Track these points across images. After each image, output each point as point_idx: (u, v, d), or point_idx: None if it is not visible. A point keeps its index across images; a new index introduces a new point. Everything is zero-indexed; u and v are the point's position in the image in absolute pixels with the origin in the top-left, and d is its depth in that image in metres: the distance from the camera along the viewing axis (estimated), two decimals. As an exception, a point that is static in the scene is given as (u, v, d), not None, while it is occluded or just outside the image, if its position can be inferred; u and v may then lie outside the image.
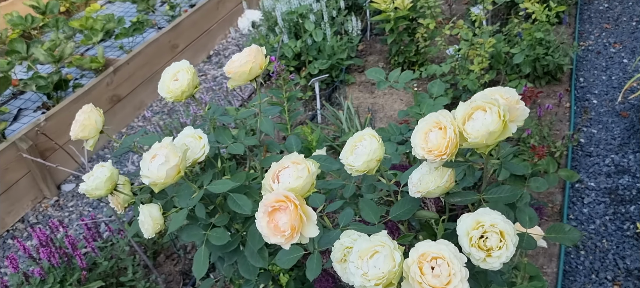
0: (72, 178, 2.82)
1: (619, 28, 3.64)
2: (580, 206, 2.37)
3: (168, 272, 2.15)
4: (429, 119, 0.87)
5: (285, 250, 1.04)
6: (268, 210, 0.85)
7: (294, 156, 0.92)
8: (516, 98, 0.87)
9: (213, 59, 3.97)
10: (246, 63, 1.11)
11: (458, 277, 0.73)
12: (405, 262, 0.76)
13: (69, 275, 1.79)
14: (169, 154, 1.00)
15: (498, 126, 0.81)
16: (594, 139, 2.74)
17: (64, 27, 3.31)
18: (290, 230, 0.83)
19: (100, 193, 1.13)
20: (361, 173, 0.97)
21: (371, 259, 0.78)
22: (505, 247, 0.78)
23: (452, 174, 0.92)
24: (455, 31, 2.87)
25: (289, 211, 0.83)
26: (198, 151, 1.11)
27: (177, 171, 1.01)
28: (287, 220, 0.83)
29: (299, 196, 0.86)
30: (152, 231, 1.12)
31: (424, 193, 0.93)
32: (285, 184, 0.88)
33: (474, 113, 0.84)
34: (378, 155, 0.95)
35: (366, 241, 0.80)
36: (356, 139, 0.99)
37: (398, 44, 3.30)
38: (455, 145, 0.83)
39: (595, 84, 3.13)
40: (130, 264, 1.91)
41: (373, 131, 0.98)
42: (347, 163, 0.98)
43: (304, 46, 3.18)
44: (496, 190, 0.93)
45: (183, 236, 1.16)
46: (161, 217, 1.13)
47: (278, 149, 1.28)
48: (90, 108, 1.23)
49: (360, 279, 0.77)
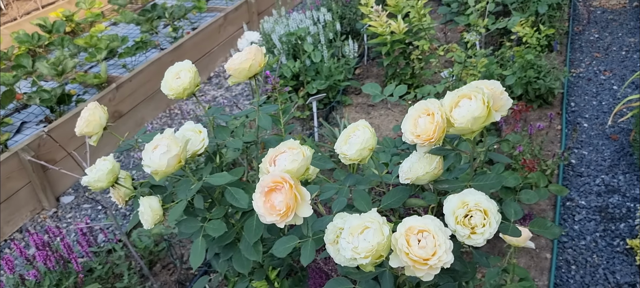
0: (71, 191, 2.85)
1: (609, 57, 3.74)
2: (572, 223, 2.40)
3: (164, 282, 2.17)
4: (418, 106, 0.92)
5: (282, 239, 1.08)
6: (265, 190, 0.90)
7: (289, 142, 0.97)
8: (501, 89, 0.93)
9: (213, 80, 4.04)
10: (246, 60, 1.17)
11: (443, 248, 0.77)
12: (393, 235, 0.80)
13: (65, 279, 1.81)
14: (170, 144, 1.04)
15: (483, 112, 0.86)
16: (584, 160, 2.80)
17: (69, 45, 3.39)
18: (285, 208, 0.87)
19: (102, 185, 1.17)
20: (354, 161, 1.02)
21: (361, 234, 0.82)
22: (488, 224, 0.83)
23: (440, 161, 0.97)
24: (449, 55, 2.95)
25: (285, 190, 0.88)
26: (198, 143, 1.16)
27: (177, 161, 1.05)
28: (283, 199, 0.87)
29: (294, 177, 0.90)
30: (152, 222, 1.16)
31: (413, 179, 0.97)
32: (281, 166, 0.92)
33: (460, 100, 0.89)
34: (370, 144, 1.00)
35: (357, 219, 0.84)
36: (350, 130, 1.04)
37: (394, 66, 3.38)
38: (442, 130, 0.88)
39: (586, 109, 3.20)
40: (126, 270, 1.94)
41: (366, 123, 1.03)
42: (341, 152, 1.02)
43: (303, 67, 3.26)
44: (482, 178, 0.98)
45: (181, 228, 1.19)
46: (160, 208, 1.17)
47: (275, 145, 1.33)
48: (94, 105, 1.28)
49: (351, 253, 0.81)
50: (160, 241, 2.24)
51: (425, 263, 0.76)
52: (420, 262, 0.77)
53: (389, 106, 3.47)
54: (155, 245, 2.24)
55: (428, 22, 3.09)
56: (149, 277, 1.86)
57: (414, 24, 3.18)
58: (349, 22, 3.98)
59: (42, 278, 1.77)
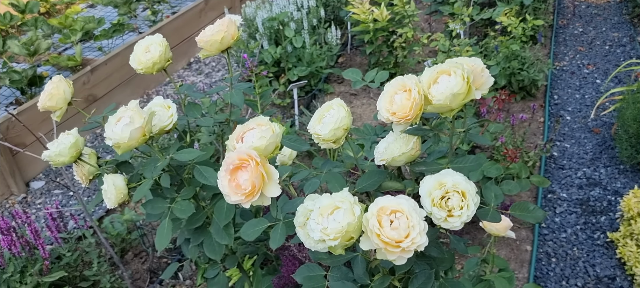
0: (42, 176, 2.76)
1: (593, 51, 3.74)
2: (553, 216, 2.38)
3: (135, 270, 2.10)
4: (395, 82, 0.87)
5: (250, 222, 1.02)
6: (230, 168, 0.84)
7: (259, 118, 0.91)
8: (481, 66, 0.88)
9: (193, 66, 3.95)
10: (218, 32, 1.11)
11: (416, 230, 0.72)
12: (365, 215, 0.75)
13: (31, 266, 1.74)
14: (134, 116, 0.98)
15: (462, 88, 0.81)
16: (567, 153, 2.78)
17: (43, 26, 3.28)
18: (251, 187, 0.82)
19: (64, 159, 1.10)
20: (328, 142, 0.96)
21: (331, 215, 0.77)
22: (466, 207, 0.78)
23: (417, 141, 0.92)
24: (433, 44, 2.91)
25: (251, 168, 0.82)
26: (166, 119, 1.10)
27: (141, 134, 0.99)
28: (248, 177, 0.82)
29: (261, 155, 0.85)
30: (115, 201, 1.09)
31: (389, 160, 0.92)
32: (248, 143, 0.87)
33: (439, 77, 0.84)
34: (345, 124, 0.95)
35: (327, 199, 0.79)
36: (324, 109, 0.98)
37: (377, 55, 3.33)
38: (419, 107, 0.84)
39: (569, 102, 3.19)
40: (95, 258, 1.86)
41: (341, 101, 0.98)
42: (314, 132, 0.97)
43: (284, 53, 3.19)
44: (461, 160, 0.93)
45: (147, 209, 1.13)
46: (125, 187, 1.11)
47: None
48: (59, 78, 1.21)
49: (319, 234, 0.76)
50: (134, 228, 2.17)
51: (397, 246, 0.71)
52: (392, 244, 0.72)
53: (371, 96, 3.42)
54: (128, 232, 2.17)
55: (412, 9, 3.04)
56: (119, 265, 1.80)
57: (398, 11, 3.13)
58: (333, 9, 3.92)
59: (6, 265, 1.69)
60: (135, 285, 2.01)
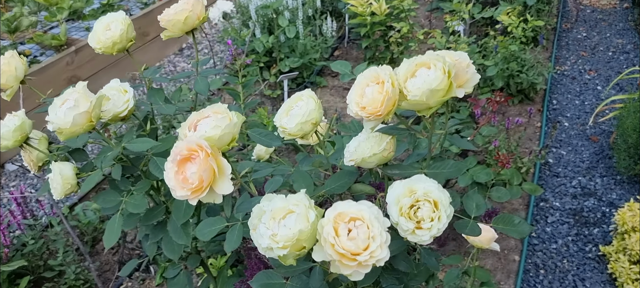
0: (19, 157, 2.66)
1: (596, 57, 3.64)
2: (544, 225, 2.29)
3: (105, 261, 2.01)
4: (367, 73, 0.77)
5: (207, 221, 0.93)
6: (177, 159, 0.75)
7: (216, 105, 0.81)
8: (467, 62, 0.78)
9: (185, 52, 3.85)
10: (182, 11, 1.01)
11: (377, 241, 0.62)
12: (320, 222, 0.65)
13: (-10, 251, 1.65)
14: (80, 99, 0.88)
15: (441, 84, 0.72)
16: (562, 160, 2.69)
17: (30, 2, 3.17)
18: (198, 181, 0.73)
19: (7, 143, 1.01)
20: (295, 137, 0.87)
21: (284, 219, 0.68)
22: (437, 219, 0.69)
23: (391, 142, 0.83)
24: (430, 41, 2.81)
25: (199, 160, 0.73)
26: (121, 104, 1.00)
27: (87, 119, 0.89)
28: (196, 170, 0.72)
29: (214, 146, 0.75)
30: (62, 192, 1.00)
31: (358, 161, 0.83)
32: (200, 132, 0.77)
33: (417, 70, 0.75)
34: (314, 117, 0.86)
35: (281, 201, 0.70)
36: (293, 101, 0.89)
37: (373, 49, 3.23)
38: (392, 102, 0.74)
39: (568, 108, 3.10)
40: (61, 247, 1.77)
41: (312, 93, 0.89)
42: (280, 126, 0.88)
43: (276, 42, 3.09)
44: (439, 165, 0.84)
45: (99, 202, 1.04)
46: (73, 177, 1.01)
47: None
48: (11, 53, 1.11)
49: (268, 240, 0.67)
50: (106, 217, 2.07)
51: (353, 259, 0.62)
52: (348, 256, 0.62)
53: (366, 91, 3.32)
54: (101, 221, 2.07)
55: (409, 4, 2.94)
56: (85, 255, 1.70)
57: (397, 5, 3.03)
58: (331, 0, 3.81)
59: (-38, 249, 1.60)
60: (104, 277, 1.92)
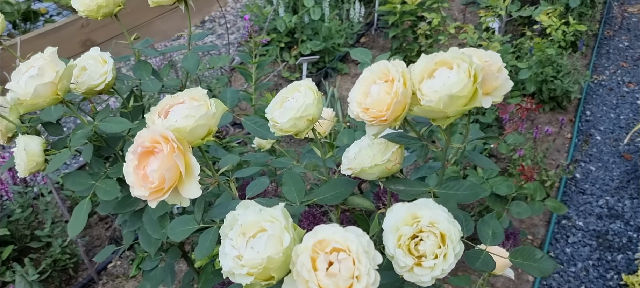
0: (25, 118, 2.59)
1: (637, 68, 3.41)
2: (564, 245, 2.13)
3: (97, 236, 1.92)
4: (376, 68, 0.64)
5: (180, 219, 0.81)
6: (138, 151, 0.63)
7: (195, 90, 0.69)
8: (499, 65, 0.64)
9: (206, 24, 3.74)
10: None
11: (363, 282, 0.49)
12: (295, 248, 0.53)
13: (-25, 216, 1.56)
14: (45, 67, 0.77)
15: (464, 90, 0.58)
16: (590, 176, 2.51)
17: (50, -41, 3.08)
18: (159, 181, 0.60)
19: (-27, 110, 0.90)
20: (287, 133, 0.74)
21: (254, 238, 0.55)
22: (443, 257, 0.55)
23: (398, 152, 0.70)
24: (462, 36, 2.64)
25: (162, 155, 0.60)
26: (97, 77, 0.89)
27: (52, 91, 0.78)
28: (157, 167, 0.60)
29: (183, 140, 0.63)
30: (26, 169, 0.89)
31: (357, 170, 0.70)
32: (170, 121, 0.65)
33: (436, 69, 0.61)
34: (311, 113, 0.73)
35: (254, 214, 0.57)
36: (289, 91, 0.76)
37: (400, 40, 3.07)
38: (402, 106, 0.61)
39: (602, 121, 2.90)
40: (50, 218, 1.68)
41: (312, 84, 0.75)
42: (271, 119, 0.75)
43: (299, 23, 2.95)
44: (453, 185, 0.70)
45: (68, 184, 0.93)
46: (40, 153, 0.90)
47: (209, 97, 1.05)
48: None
49: (232, 262, 0.54)
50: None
51: (330, 303, 0.49)
52: (324, 298, 0.50)
53: (388, 83, 3.16)
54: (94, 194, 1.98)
55: (442, -6, 2.77)
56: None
57: (429, -5, 2.86)
58: (361, -16, 3.65)
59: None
60: (93, 252, 1.83)
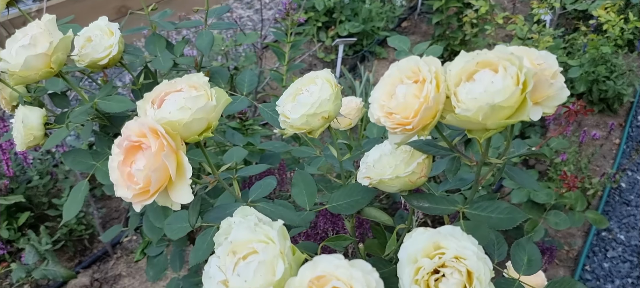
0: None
1: (698, 73, 3.16)
2: (601, 259, 1.98)
3: (115, 207, 1.89)
4: (404, 64, 0.54)
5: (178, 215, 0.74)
6: (124, 145, 0.55)
7: (196, 77, 0.60)
8: (554, 69, 0.53)
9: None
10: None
11: (365, 335, 0.40)
12: (290, 282, 0.44)
13: (-8, 181, 1.54)
14: (38, 36, 0.70)
15: (510, 99, 0.48)
16: (637, 187, 2.33)
17: None
18: (144, 182, 0.52)
19: (-31, 74, 0.84)
20: (299, 131, 0.66)
21: (244, 260, 0.47)
22: (469, 301, 0.46)
23: (425, 163, 0.60)
24: (510, 27, 2.47)
25: (149, 154, 0.52)
26: (101, 50, 0.81)
27: (45, 64, 0.71)
28: (143, 167, 0.52)
29: (176, 136, 0.55)
30: (24, 143, 0.83)
31: (375, 181, 0.60)
32: (163, 112, 0.56)
33: (478, 71, 0.51)
34: (326, 110, 0.63)
35: (247, 231, 0.48)
36: (304, 82, 0.67)
37: (444, 27, 2.92)
38: (433, 113, 0.51)
39: (656, 127, 2.70)
40: (68, 187, 1.65)
41: (331, 76, 0.66)
42: (282, 114, 0.66)
43: (339, 2, 2.84)
44: (487, 205, 0.60)
45: (67, 162, 0.87)
46: (40, 127, 0.84)
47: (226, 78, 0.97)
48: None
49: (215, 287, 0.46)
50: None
51: None
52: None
53: (427, 71, 3.02)
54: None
55: (492, -19, 2.60)
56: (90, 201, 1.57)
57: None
58: (405, -34, 3.50)
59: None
60: (109, 224, 1.79)
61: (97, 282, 1.68)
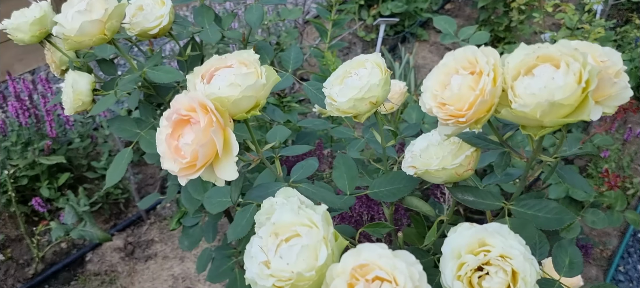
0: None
1: None
2: (636, 261, 1.93)
3: (151, 174, 1.92)
4: (461, 54, 0.52)
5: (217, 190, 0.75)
6: (173, 118, 0.55)
7: (246, 54, 0.60)
8: (618, 67, 0.51)
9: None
10: None
11: (409, 328, 0.40)
12: (330, 269, 0.44)
13: (36, 142, 1.58)
14: (94, 2, 0.71)
15: (571, 97, 0.46)
16: (684, 190, 2.25)
17: None
18: (191, 157, 0.53)
19: (23, 36, 0.85)
20: (345, 114, 0.65)
21: (287, 243, 0.47)
22: (514, 301, 0.45)
23: (473, 156, 0.58)
24: (559, 15, 2.39)
25: (198, 129, 0.52)
26: (152, 19, 0.82)
27: (99, 30, 0.72)
28: (191, 141, 0.53)
29: (224, 112, 0.55)
30: (72, 108, 0.85)
31: (421, 171, 0.59)
32: (213, 88, 0.56)
33: (537, 66, 0.49)
34: (375, 95, 0.62)
35: (291, 213, 0.48)
36: (353, 65, 0.66)
37: (489, 11, 2.84)
38: (488, 106, 0.49)
39: None
40: (106, 151, 1.68)
41: (380, 60, 0.65)
42: (328, 96, 0.66)
43: (382, -19, 2.79)
44: (535, 204, 0.58)
45: (113, 129, 0.88)
46: (88, 93, 0.86)
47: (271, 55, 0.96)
48: None
49: (257, 268, 0.46)
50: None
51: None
52: (357, 340, 0.41)
53: (469, 56, 2.96)
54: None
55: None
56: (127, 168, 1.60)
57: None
58: (452, -54, 3.41)
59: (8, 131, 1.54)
60: (144, 191, 1.83)
61: (130, 245, 1.73)
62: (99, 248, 1.71)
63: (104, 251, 1.71)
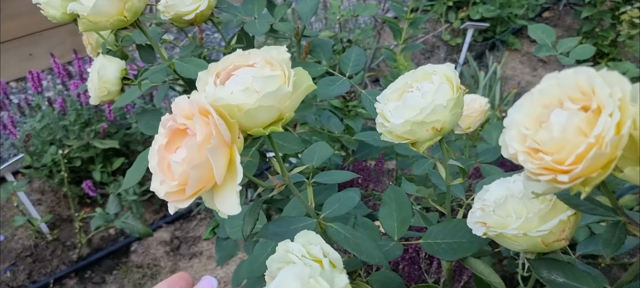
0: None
1: None
2: None
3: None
4: (569, 78, 0.36)
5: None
6: (169, 126, 0.43)
7: (275, 51, 0.46)
8: None
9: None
10: None
11: None
12: None
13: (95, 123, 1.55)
14: (113, -23, 0.60)
15: None
16: None
17: None
18: (180, 180, 0.40)
19: (55, 13, 0.77)
20: (399, 140, 0.50)
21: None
22: None
23: (570, 221, 0.41)
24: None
25: (193, 145, 0.40)
26: (189, 3, 0.70)
27: (117, 11, 0.61)
28: (182, 160, 0.40)
29: (233, 125, 0.42)
30: (97, 97, 0.76)
31: (494, 234, 0.43)
32: (226, 91, 0.43)
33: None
34: (440, 119, 0.47)
35: (296, 282, 0.34)
36: (416, 77, 0.51)
37: (594, 23, 2.54)
38: (606, 160, 0.33)
39: None
40: (164, 137, 1.62)
41: (451, 71, 0.49)
42: (380, 114, 0.51)
43: (474, -18, 2.57)
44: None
45: (140, 124, 0.78)
46: (117, 81, 0.76)
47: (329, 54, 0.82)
48: None
49: None
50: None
51: None
52: None
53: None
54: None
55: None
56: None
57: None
58: (557, -51, 3.10)
59: (68, 110, 1.51)
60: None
61: (177, 239, 1.66)
62: (146, 239, 1.66)
63: (149, 242, 1.65)
